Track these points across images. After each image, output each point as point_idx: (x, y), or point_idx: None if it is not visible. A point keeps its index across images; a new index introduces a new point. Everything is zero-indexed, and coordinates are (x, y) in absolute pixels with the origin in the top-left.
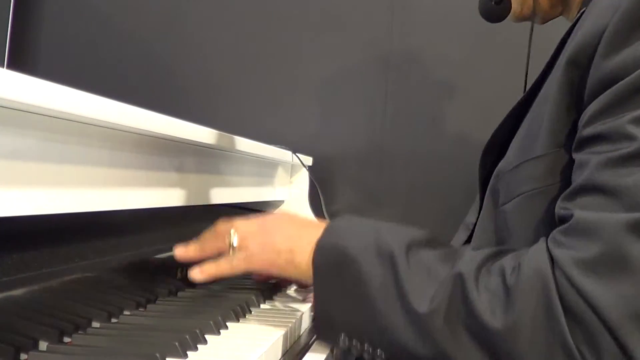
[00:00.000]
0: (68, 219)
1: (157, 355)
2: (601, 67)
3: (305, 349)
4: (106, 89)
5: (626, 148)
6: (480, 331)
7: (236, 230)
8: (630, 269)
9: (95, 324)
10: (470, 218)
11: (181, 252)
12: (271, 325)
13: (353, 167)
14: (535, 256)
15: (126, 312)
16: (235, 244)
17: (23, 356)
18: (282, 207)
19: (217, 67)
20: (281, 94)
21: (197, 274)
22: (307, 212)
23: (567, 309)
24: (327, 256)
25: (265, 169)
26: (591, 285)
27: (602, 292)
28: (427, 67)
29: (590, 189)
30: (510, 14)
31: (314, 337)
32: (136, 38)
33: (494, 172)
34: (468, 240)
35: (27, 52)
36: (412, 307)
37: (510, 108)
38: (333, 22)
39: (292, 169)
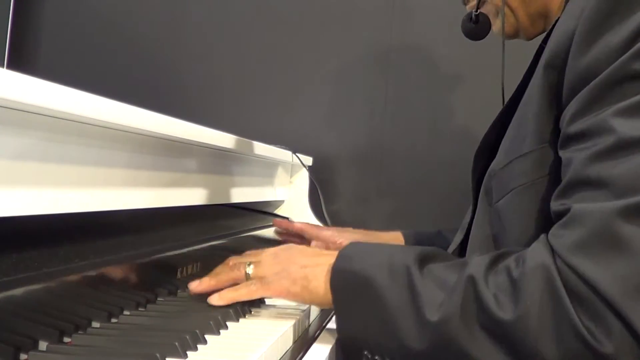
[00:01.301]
0: (68, 219)
1: (157, 355)
2: (576, 66)
3: (307, 348)
4: (107, 89)
5: (609, 141)
6: (494, 326)
7: (250, 262)
8: (623, 249)
9: (95, 324)
10: (466, 219)
11: (195, 285)
12: (272, 325)
13: (353, 167)
14: (537, 250)
15: (126, 312)
16: (250, 273)
17: (23, 356)
18: (283, 207)
19: (217, 67)
20: (281, 94)
21: (215, 300)
22: (307, 212)
23: (571, 293)
24: (343, 280)
25: (265, 169)
26: (588, 267)
27: (599, 272)
28: (427, 67)
29: (582, 183)
30: (495, 31)
31: (314, 338)
32: (136, 37)
33: (487, 173)
34: (464, 241)
35: (27, 52)
36: (425, 317)
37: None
38: (333, 22)
39: (292, 169)
